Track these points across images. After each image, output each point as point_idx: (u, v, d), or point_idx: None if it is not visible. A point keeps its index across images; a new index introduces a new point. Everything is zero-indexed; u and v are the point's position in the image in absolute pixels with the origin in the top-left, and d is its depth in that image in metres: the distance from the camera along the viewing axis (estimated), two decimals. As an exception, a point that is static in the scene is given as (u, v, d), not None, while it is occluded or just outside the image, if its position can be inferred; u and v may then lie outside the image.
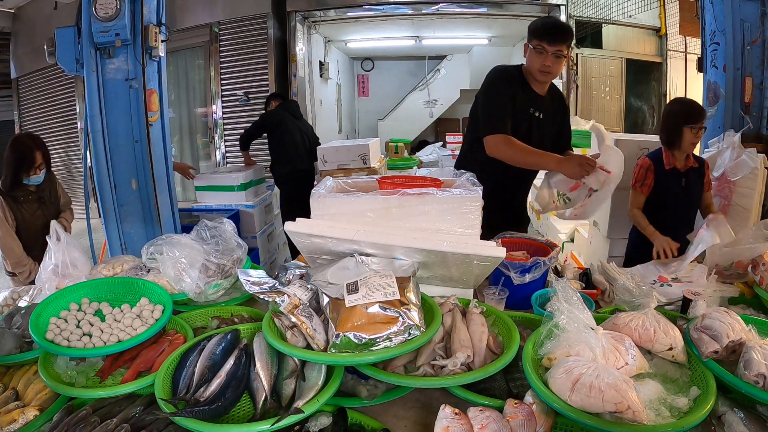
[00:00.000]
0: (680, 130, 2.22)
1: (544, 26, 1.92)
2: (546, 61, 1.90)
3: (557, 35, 1.88)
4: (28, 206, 2.42)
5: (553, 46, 1.88)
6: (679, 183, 2.29)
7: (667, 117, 2.32)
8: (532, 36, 1.92)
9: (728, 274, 1.61)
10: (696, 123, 2.20)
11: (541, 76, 1.96)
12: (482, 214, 1.39)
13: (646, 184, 2.30)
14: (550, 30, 1.89)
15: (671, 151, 2.30)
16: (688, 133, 2.21)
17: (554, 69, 1.93)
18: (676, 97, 2.64)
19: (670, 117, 2.30)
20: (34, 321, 1.21)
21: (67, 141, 7.10)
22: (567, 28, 1.95)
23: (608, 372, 0.95)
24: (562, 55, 1.91)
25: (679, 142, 2.24)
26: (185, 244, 1.53)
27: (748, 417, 0.94)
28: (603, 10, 6.51)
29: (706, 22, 3.44)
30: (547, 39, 1.88)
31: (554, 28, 1.91)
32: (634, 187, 2.34)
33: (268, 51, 6.18)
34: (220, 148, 6.58)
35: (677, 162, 2.29)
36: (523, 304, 1.49)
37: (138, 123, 2.68)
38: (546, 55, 1.89)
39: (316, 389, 1.01)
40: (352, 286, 1.14)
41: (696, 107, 2.26)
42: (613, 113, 6.85)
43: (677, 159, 2.29)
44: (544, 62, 1.90)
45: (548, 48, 1.88)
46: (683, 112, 2.24)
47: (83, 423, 0.99)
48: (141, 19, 2.63)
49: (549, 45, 1.88)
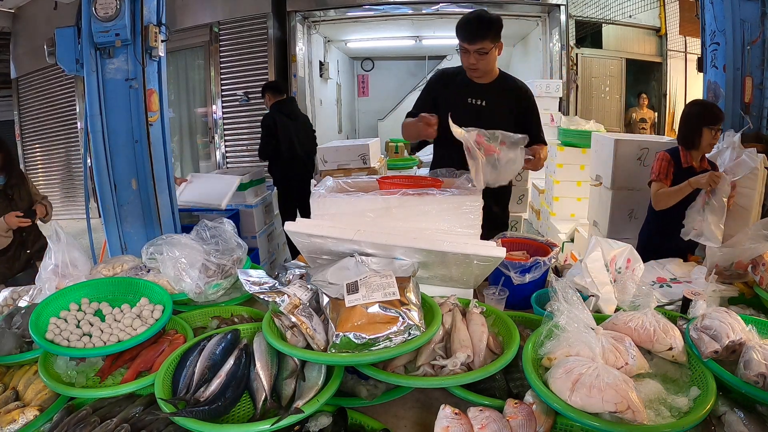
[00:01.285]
0: (700, 130, 2.27)
1: (462, 27, 1.93)
2: (470, 59, 1.93)
3: (475, 35, 1.89)
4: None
5: (473, 45, 1.90)
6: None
7: (687, 118, 2.36)
8: (457, 35, 1.95)
9: (728, 274, 1.61)
10: (715, 124, 2.25)
11: (470, 73, 2.01)
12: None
13: (669, 177, 2.32)
14: (466, 31, 1.91)
15: (688, 151, 2.33)
16: (707, 133, 2.26)
17: (480, 65, 1.95)
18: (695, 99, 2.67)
19: (690, 118, 2.34)
20: (34, 321, 1.21)
21: (67, 141, 7.10)
22: (485, 25, 1.92)
23: (608, 372, 0.95)
24: (485, 51, 1.92)
25: (698, 143, 2.29)
26: (185, 244, 1.53)
27: (748, 417, 0.94)
28: (603, 10, 6.51)
29: (706, 22, 3.44)
30: (467, 40, 1.90)
31: (470, 27, 1.91)
32: (657, 180, 2.34)
33: (268, 51, 6.19)
34: (220, 149, 6.58)
35: (694, 162, 2.33)
36: (523, 304, 1.49)
37: (138, 123, 2.68)
38: (469, 53, 1.92)
39: (316, 389, 1.01)
40: (352, 286, 1.14)
41: (715, 109, 2.33)
42: (613, 113, 6.85)
43: (694, 159, 2.33)
44: (469, 61, 1.94)
45: (469, 47, 1.91)
46: (703, 114, 2.29)
47: (83, 423, 0.99)
48: (141, 19, 2.63)
49: (469, 45, 1.90)
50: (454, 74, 2.10)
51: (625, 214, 3.11)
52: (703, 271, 1.67)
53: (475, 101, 2.04)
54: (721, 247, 1.63)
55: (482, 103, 2.04)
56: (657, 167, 2.35)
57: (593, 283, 1.39)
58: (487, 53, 1.93)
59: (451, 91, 2.05)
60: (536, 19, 6.74)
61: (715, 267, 1.62)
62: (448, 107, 1.96)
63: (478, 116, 2.02)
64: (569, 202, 4.44)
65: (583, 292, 1.37)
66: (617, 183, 3.09)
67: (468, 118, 1.97)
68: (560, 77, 6.39)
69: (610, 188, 3.13)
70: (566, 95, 6.34)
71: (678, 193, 2.25)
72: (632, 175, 3.04)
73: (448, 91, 2.06)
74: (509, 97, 2.10)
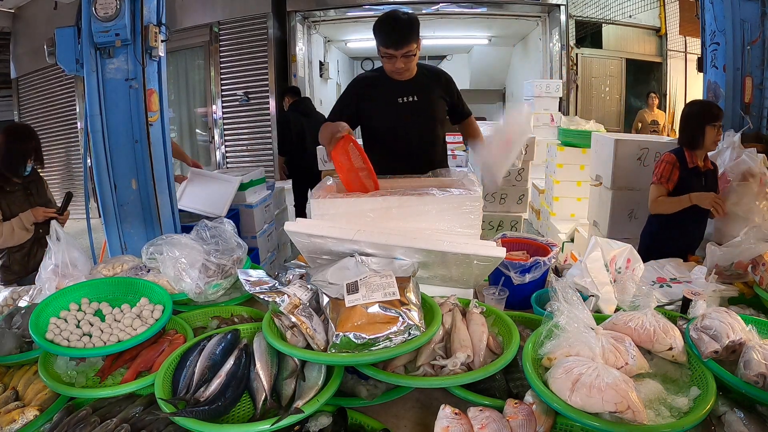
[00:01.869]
0: (702, 129, 2.28)
1: (387, 33, 1.88)
2: (397, 64, 1.90)
3: (403, 40, 1.86)
4: (14, 198, 2.41)
5: (401, 50, 1.87)
6: (701, 182, 2.33)
7: (688, 118, 2.37)
8: (378, 42, 1.90)
9: (728, 274, 1.61)
10: (716, 121, 2.28)
11: (397, 77, 1.98)
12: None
13: (672, 180, 2.32)
14: (393, 38, 1.87)
15: (693, 151, 2.34)
16: (710, 131, 2.28)
17: (409, 66, 1.94)
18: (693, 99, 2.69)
19: (691, 118, 2.35)
20: (34, 321, 1.21)
21: (67, 141, 7.10)
22: (408, 27, 1.88)
23: (608, 372, 0.95)
24: (413, 54, 1.90)
25: (702, 141, 2.30)
26: (185, 244, 1.52)
27: (748, 417, 0.94)
28: (603, 10, 6.51)
29: (706, 22, 3.44)
30: (395, 46, 1.87)
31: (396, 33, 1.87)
32: (657, 183, 2.35)
33: (268, 51, 6.19)
34: (220, 149, 6.58)
35: (699, 161, 2.34)
36: (523, 304, 1.49)
37: (138, 123, 2.68)
38: (396, 59, 1.89)
39: (316, 389, 1.01)
40: (352, 286, 1.14)
41: (715, 106, 2.36)
42: (613, 113, 6.85)
43: (698, 158, 2.34)
44: (396, 66, 1.91)
45: (395, 53, 1.88)
46: (704, 112, 2.31)
47: (83, 423, 0.99)
48: (141, 19, 2.62)
49: (396, 50, 1.87)
50: (376, 77, 2.06)
51: (625, 214, 3.11)
52: (703, 271, 1.67)
53: (405, 99, 2.02)
54: (721, 247, 1.63)
55: (414, 99, 2.03)
56: (660, 170, 2.35)
57: (593, 283, 1.39)
58: (414, 55, 1.92)
59: (379, 92, 2.01)
60: (536, 19, 6.75)
61: (715, 267, 1.62)
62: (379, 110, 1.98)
63: (413, 112, 2.02)
64: (569, 202, 4.43)
65: (583, 292, 1.37)
66: (617, 183, 3.09)
67: (403, 116, 2.00)
68: (560, 77, 6.39)
69: (610, 188, 3.13)
70: (566, 95, 6.35)
71: (677, 204, 2.27)
72: (632, 175, 3.05)
73: (377, 92, 2.01)
74: (436, 86, 2.09)
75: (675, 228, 2.32)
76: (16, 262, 2.45)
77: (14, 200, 2.41)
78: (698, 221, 2.37)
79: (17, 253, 2.44)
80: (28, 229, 2.41)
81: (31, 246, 2.47)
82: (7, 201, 2.38)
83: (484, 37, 8.37)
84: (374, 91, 2.02)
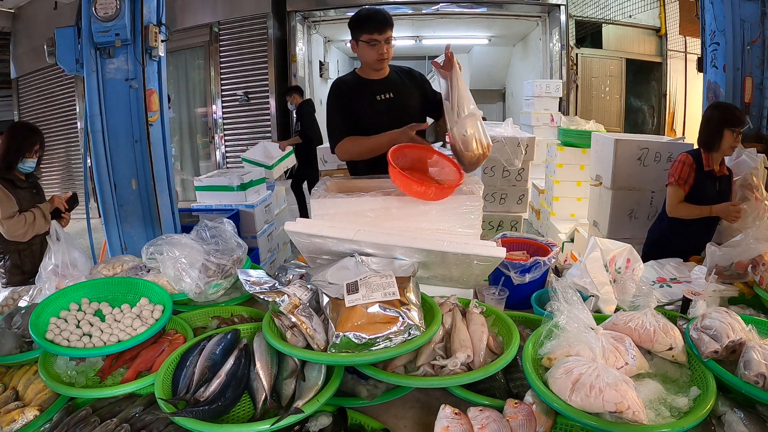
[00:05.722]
0: (721, 132, 2.27)
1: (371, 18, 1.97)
2: (381, 50, 1.97)
3: (384, 24, 1.95)
4: (24, 193, 2.41)
5: (383, 35, 1.95)
6: (715, 186, 2.33)
7: (708, 120, 2.36)
8: (360, 32, 1.97)
9: (728, 274, 1.61)
10: (737, 126, 2.27)
11: (379, 65, 2.03)
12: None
13: (689, 182, 2.32)
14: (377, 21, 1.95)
15: (709, 153, 2.33)
16: (728, 135, 2.27)
17: (389, 53, 2.01)
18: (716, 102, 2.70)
19: (711, 120, 2.34)
20: (34, 321, 1.21)
21: (67, 141, 7.10)
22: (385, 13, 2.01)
23: (608, 372, 0.94)
24: (392, 39, 2.00)
25: (719, 145, 2.29)
26: (185, 244, 1.52)
27: (748, 417, 0.94)
28: (603, 10, 6.51)
29: (706, 22, 3.44)
30: (378, 30, 1.94)
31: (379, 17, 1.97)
32: (675, 184, 2.34)
33: (268, 51, 6.19)
34: (220, 148, 6.58)
35: (715, 165, 2.33)
36: (523, 304, 1.49)
37: (138, 123, 2.68)
38: (380, 44, 1.96)
39: (316, 389, 1.01)
40: (352, 286, 1.14)
41: (737, 111, 2.34)
42: (613, 113, 6.85)
43: (715, 162, 2.33)
44: (380, 52, 1.97)
45: (380, 38, 1.95)
46: (725, 116, 2.30)
47: (83, 423, 0.99)
48: (141, 19, 2.63)
49: (380, 35, 1.95)
50: (352, 80, 2.13)
51: (625, 214, 3.11)
52: (703, 271, 1.67)
53: (383, 96, 2.07)
54: (721, 247, 1.63)
55: (390, 96, 2.08)
56: (678, 170, 2.34)
57: (593, 283, 1.39)
58: (392, 40, 2.01)
59: (360, 91, 2.07)
60: (536, 19, 6.75)
61: (715, 267, 1.62)
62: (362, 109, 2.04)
63: (390, 109, 2.06)
64: (569, 202, 4.44)
65: (583, 292, 1.37)
66: (617, 183, 3.09)
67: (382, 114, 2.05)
68: (560, 77, 6.40)
69: (610, 188, 3.13)
70: (566, 95, 6.35)
71: (697, 212, 2.29)
72: (632, 175, 3.05)
73: (358, 92, 2.07)
74: (411, 83, 2.15)
75: (686, 229, 2.32)
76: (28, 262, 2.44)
77: (24, 197, 2.41)
78: (709, 225, 2.38)
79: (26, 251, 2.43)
80: (47, 218, 2.41)
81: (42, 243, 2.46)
82: (18, 197, 2.38)
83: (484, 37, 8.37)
84: (355, 91, 2.08)
